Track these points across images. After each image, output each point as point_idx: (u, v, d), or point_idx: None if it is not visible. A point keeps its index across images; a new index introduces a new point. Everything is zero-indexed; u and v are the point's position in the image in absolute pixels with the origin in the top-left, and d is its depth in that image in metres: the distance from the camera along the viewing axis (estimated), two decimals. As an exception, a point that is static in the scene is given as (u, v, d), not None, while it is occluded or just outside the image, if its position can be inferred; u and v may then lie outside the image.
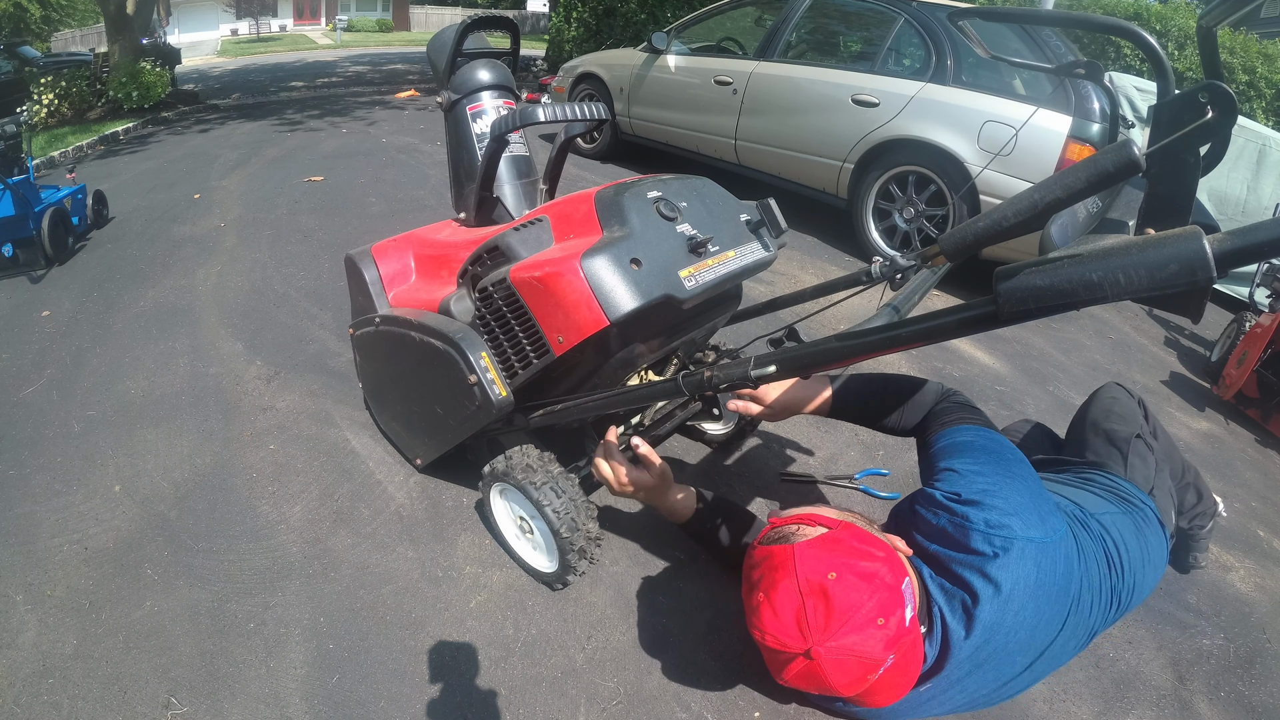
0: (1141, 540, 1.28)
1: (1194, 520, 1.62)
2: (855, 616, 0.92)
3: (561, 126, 1.84)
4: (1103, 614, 1.19)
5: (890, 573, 0.98)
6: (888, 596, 0.95)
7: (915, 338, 0.85)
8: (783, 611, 0.96)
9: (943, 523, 1.09)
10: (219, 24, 27.04)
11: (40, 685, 1.29)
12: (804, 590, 0.95)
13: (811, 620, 0.93)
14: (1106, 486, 1.38)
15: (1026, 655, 1.10)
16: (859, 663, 0.93)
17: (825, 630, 0.92)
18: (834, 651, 0.92)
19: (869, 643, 0.92)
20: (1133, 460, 1.42)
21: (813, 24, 3.94)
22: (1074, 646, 1.19)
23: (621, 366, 1.40)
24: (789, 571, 0.97)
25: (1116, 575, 1.21)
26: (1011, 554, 1.03)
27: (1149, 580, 1.29)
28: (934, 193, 3.18)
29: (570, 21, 9.04)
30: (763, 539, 1.09)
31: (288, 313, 2.73)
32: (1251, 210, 3.64)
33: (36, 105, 6.85)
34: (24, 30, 16.42)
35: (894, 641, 0.94)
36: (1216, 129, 1.10)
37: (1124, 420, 1.50)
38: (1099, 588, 1.18)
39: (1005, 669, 1.10)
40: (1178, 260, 0.61)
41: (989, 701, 1.17)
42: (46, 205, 3.22)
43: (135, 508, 1.72)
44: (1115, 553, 1.22)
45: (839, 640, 0.92)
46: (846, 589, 0.94)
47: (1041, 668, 1.15)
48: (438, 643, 1.38)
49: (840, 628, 0.92)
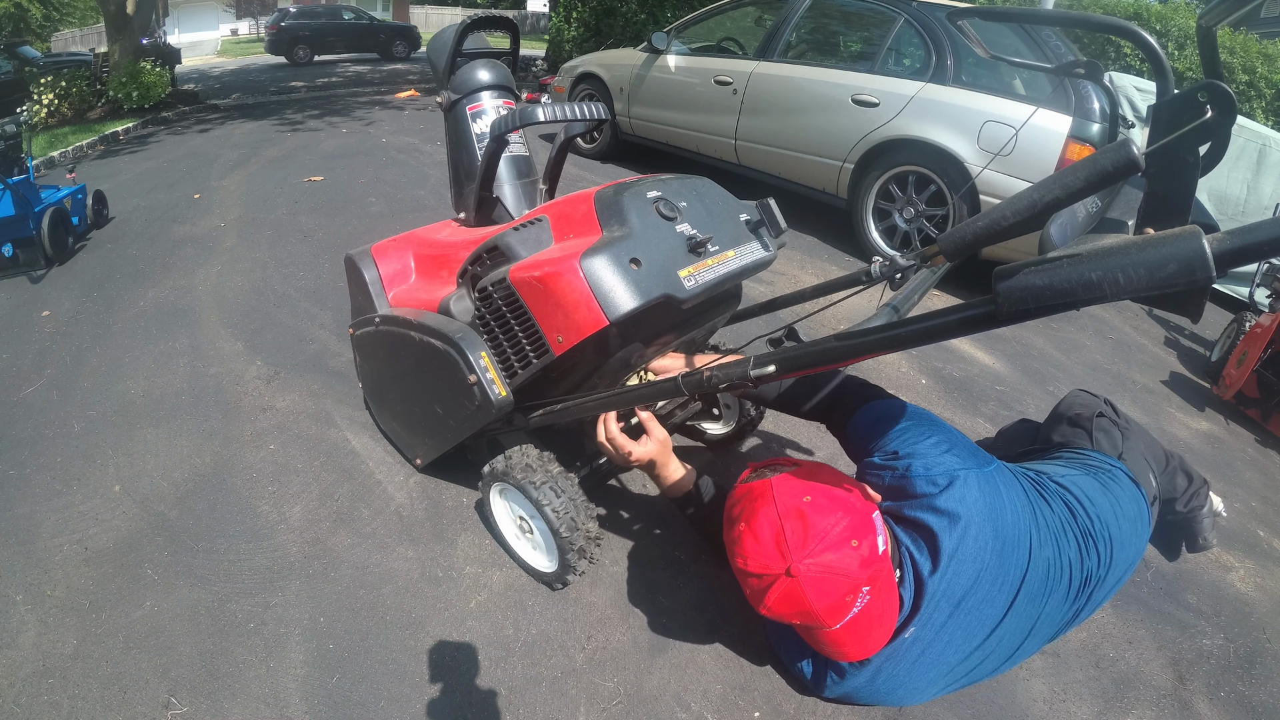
0: (1110, 496, 1.34)
1: (1190, 503, 1.65)
2: (831, 535, 1.00)
3: (561, 126, 1.84)
4: (1076, 556, 1.23)
5: (861, 502, 1.06)
6: (860, 520, 1.02)
7: (915, 337, 0.85)
8: (763, 536, 1.03)
9: (887, 479, 1.20)
10: (219, 24, 27.04)
11: (40, 685, 1.29)
12: (782, 514, 1.02)
13: (790, 539, 1.00)
14: (1071, 459, 1.47)
15: (1003, 589, 1.14)
16: (837, 581, 0.98)
17: (804, 547, 0.99)
18: (812, 569, 0.98)
19: (845, 561, 0.99)
20: (1097, 435, 1.53)
21: (813, 24, 3.94)
22: (1059, 594, 1.22)
23: (621, 366, 1.40)
24: (768, 500, 1.05)
25: (1085, 519, 1.27)
26: (954, 486, 1.13)
27: (1129, 535, 1.33)
28: (934, 193, 3.18)
29: (570, 21, 9.04)
30: (742, 480, 1.17)
31: (288, 313, 2.73)
32: (1251, 210, 3.64)
33: (36, 105, 6.85)
34: (24, 30, 16.42)
35: (869, 563, 1.00)
36: (1216, 129, 1.10)
37: (1086, 406, 1.62)
38: (1062, 526, 1.24)
39: (987, 608, 1.14)
40: (1177, 260, 0.61)
41: (985, 658, 1.18)
42: (46, 205, 3.22)
43: (135, 508, 1.73)
44: (1077, 502, 1.29)
45: (817, 558, 0.98)
46: (822, 510, 1.02)
47: (1026, 610, 1.17)
48: (438, 643, 1.38)
49: (817, 545, 0.99)
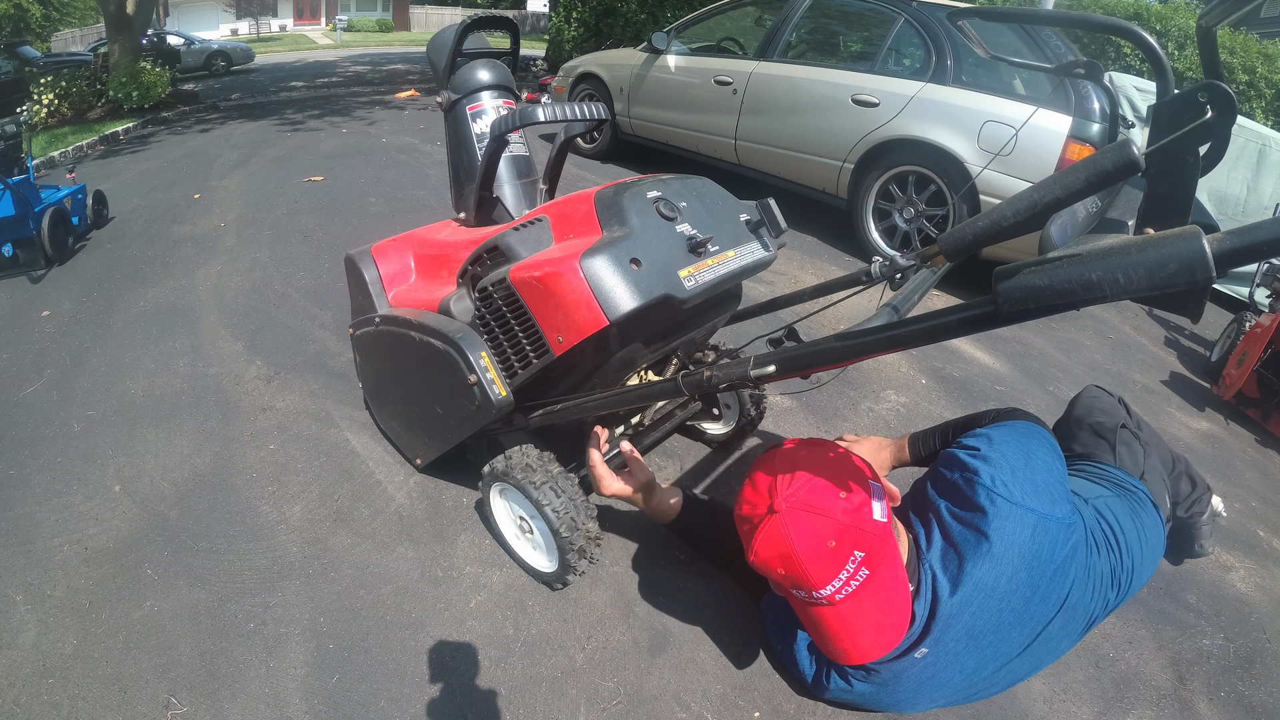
0: (1137, 522, 1.31)
1: (1192, 508, 1.64)
2: (818, 482, 1.03)
3: (561, 126, 1.84)
4: (1102, 599, 1.21)
5: (862, 467, 1.08)
6: (855, 478, 1.05)
7: (915, 338, 0.85)
8: (760, 484, 1.08)
9: (955, 477, 1.17)
10: (219, 24, 27.06)
11: (40, 685, 1.29)
12: (779, 467, 1.08)
13: (779, 484, 1.05)
14: (1098, 475, 1.42)
15: (1023, 632, 1.12)
16: (820, 521, 1.00)
17: (789, 488, 1.03)
18: (796, 506, 1.01)
19: (830, 502, 1.01)
20: (1120, 449, 1.48)
21: (813, 24, 3.94)
22: (1073, 633, 1.21)
23: (621, 366, 1.40)
24: (771, 460, 1.11)
25: (1115, 558, 1.24)
26: (1009, 517, 1.09)
27: (1147, 563, 1.31)
28: (934, 193, 3.18)
29: (570, 21, 9.04)
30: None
31: (288, 313, 2.73)
32: (1251, 210, 3.64)
33: (36, 105, 6.84)
34: (25, 30, 16.42)
35: (856, 516, 1.00)
36: (1216, 129, 1.10)
37: (1107, 414, 1.56)
38: (1101, 571, 1.20)
39: (1003, 646, 1.13)
40: (1177, 260, 0.61)
41: (990, 686, 1.18)
42: (46, 205, 3.22)
43: (135, 508, 1.72)
44: (1114, 535, 1.26)
45: (801, 496, 1.02)
46: (815, 463, 1.06)
47: (1041, 650, 1.16)
48: (438, 643, 1.38)
49: (803, 486, 1.03)
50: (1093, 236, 1.19)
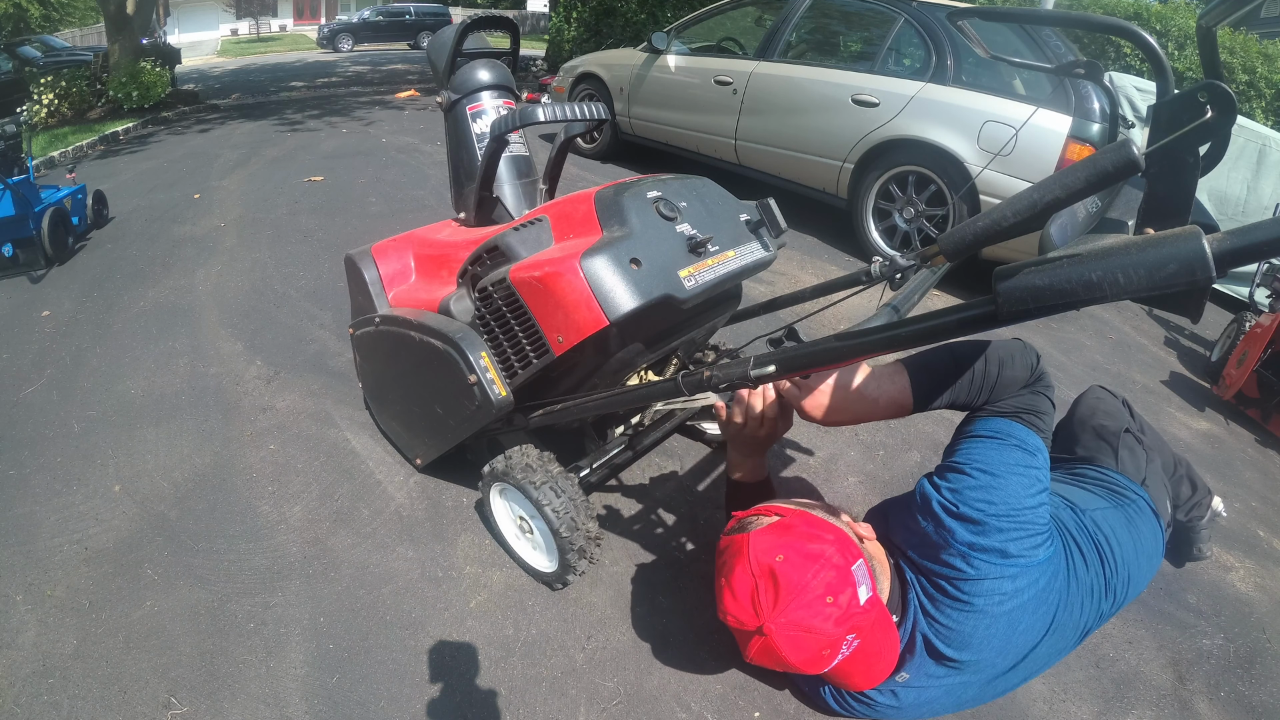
0: (1134, 532, 1.30)
1: (1191, 512, 1.64)
2: (803, 595, 0.98)
3: (561, 126, 1.84)
4: (1095, 610, 1.21)
5: (839, 554, 1.03)
6: (836, 576, 1.00)
7: (915, 338, 0.85)
8: (740, 593, 1.03)
9: (928, 530, 1.09)
10: (219, 24, 27.06)
11: (40, 685, 1.29)
12: (755, 573, 1.02)
13: (763, 600, 1.00)
14: (1098, 481, 1.41)
15: (1008, 658, 1.12)
16: (811, 638, 0.98)
17: (775, 608, 0.98)
18: (785, 627, 0.98)
19: (818, 619, 0.97)
20: (1123, 453, 1.46)
21: (813, 24, 3.94)
22: (1065, 647, 1.21)
23: (621, 366, 1.40)
24: (743, 557, 1.04)
25: (1110, 569, 1.23)
26: (987, 578, 1.05)
27: (1144, 571, 1.30)
28: (934, 193, 3.18)
29: (570, 21, 9.04)
30: (726, 531, 1.16)
31: (288, 313, 2.73)
32: (1251, 210, 3.63)
33: (36, 105, 6.85)
34: (25, 30, 16.42)
35: (846, 618, 0.98)
36: (1216, 129, 1.10)
37: (1111, 416, 1.53)
38: (1090, 587, 1.19)
39: (987, 670, 1.13)
40: (1177, 260, 0.61)
41: (978, 700, 1.19)
42: (46, 205, 3.22)
43: (135, 508, 1.72)
44: (1107, 546, 1.24)
45: (788, 616, 0.97)
46: (793, 569, 1.00)
47: (1031, 666, 1.16)
48: (438, 643, 1.38)
49: (789, 605, 0.98)
50: (1093, 236, 1.20)
